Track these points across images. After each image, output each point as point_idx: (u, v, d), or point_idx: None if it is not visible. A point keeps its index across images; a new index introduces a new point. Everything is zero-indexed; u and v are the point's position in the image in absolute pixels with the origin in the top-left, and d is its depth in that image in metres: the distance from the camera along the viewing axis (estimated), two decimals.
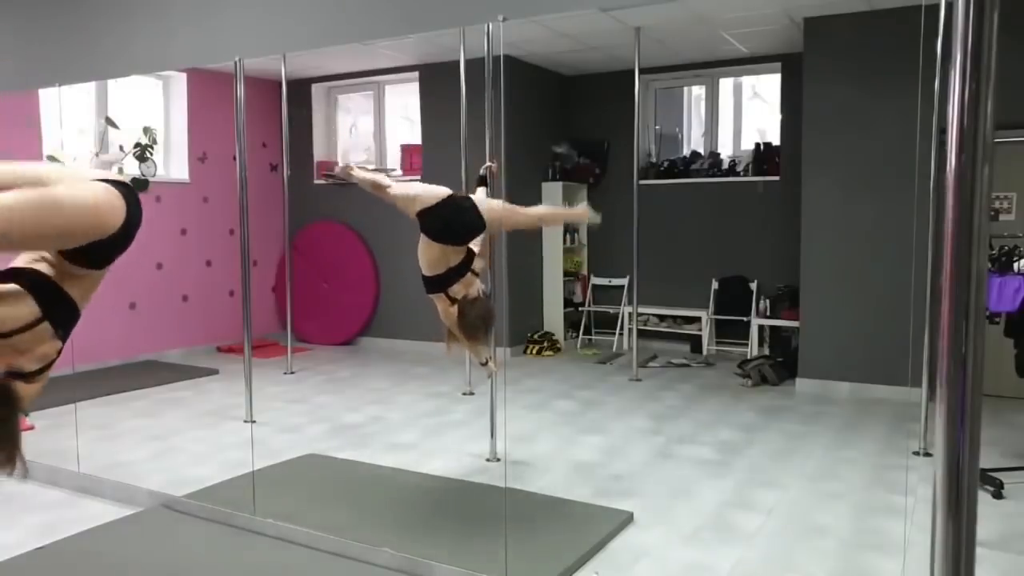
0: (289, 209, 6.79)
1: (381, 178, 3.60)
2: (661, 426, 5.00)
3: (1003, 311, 3.89)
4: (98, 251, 2.04)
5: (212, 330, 7.40)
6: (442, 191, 3.45)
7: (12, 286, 1.98)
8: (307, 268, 7.96)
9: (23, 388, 2.01)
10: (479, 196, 3.62)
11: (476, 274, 3.59)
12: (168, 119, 7.29)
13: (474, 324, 3.52)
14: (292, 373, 6.57)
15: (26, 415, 2.06)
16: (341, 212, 8.06)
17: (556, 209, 4.13)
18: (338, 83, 8.11)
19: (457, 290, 3.53)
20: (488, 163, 3.86)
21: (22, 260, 2.08)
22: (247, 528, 3.36)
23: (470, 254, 3.53)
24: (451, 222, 3.42)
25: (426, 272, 3.52)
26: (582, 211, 4.32)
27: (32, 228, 1.86)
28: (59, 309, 2.06)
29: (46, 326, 2.03)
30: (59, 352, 2.12)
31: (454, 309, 3.53)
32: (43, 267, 2.05)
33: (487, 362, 3.88)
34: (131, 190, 2.12)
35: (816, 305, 5.92)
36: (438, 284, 3.52)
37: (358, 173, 3.60)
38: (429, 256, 3.48)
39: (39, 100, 5.18)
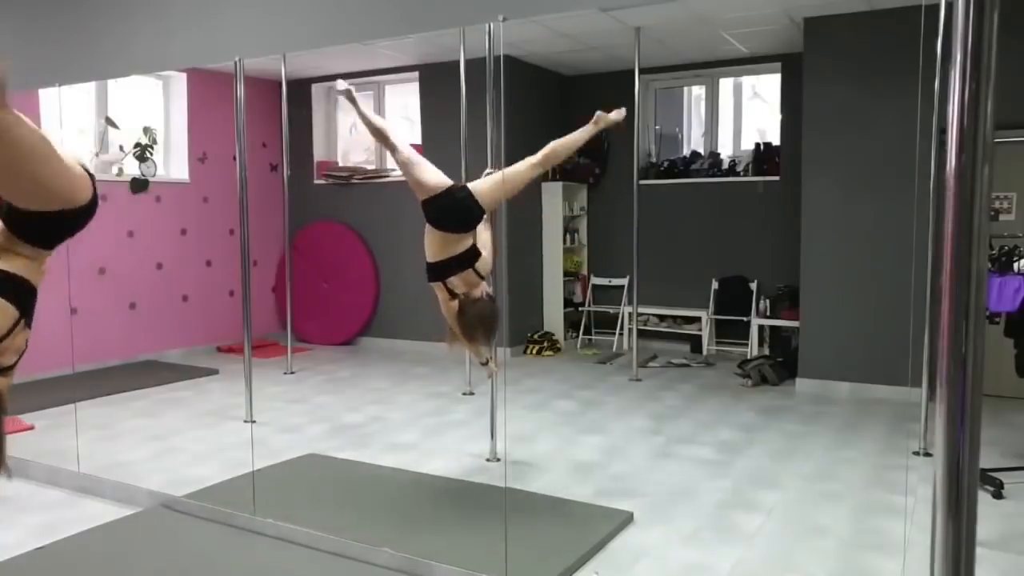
0: (289, 209, 6.80)
1: (389, 131, 3.51)
2: (661, 426, 4.99)
3: (1003, 311, 3.89)
4: (60, 224, 2.02)
5: (212, 330, 7.40)
6: (444, 181, 3.47)
7: None
8: (307, 268, 7.96)
9: (1, 383, 2.01)
10: (474, 183, 3.61)
11: (482, 277, 3.60)
12: (168, 119, 7.29)
13: (472, 324, 3.54)
14: (292, 373, 6.57)
15: (4, 413, 2.04)
16: (341, 212, 8.06)
17: (565, 139, 3.86)
18: None
19: (456, 283, 3.54)
20: (489, 169, 3.84)
21: None
22: (247, 528, 3.36)
23: (474, 250, 3.54)
24: (449, 212, 3.46)
25: (428, 258, 3.57)
26: (598, 121, 3.68)
27: (27, 147, 1.82)
28: (29, 302, 2.06)
29: (22, 322, 2.03)
30: (27, 340, 2.11)
31: (454, 304, 3.56)
32: (1, 264, 2.03)
33: (487, 362, 3.89)
34: (93, 178, 2.13)
35: (816, 305, 5.92)
36: (438, 272, 3.55)
37: (362, 108, 3.51)
38: (432, 243, 3.53)
39: (39, 100, 5.17)
